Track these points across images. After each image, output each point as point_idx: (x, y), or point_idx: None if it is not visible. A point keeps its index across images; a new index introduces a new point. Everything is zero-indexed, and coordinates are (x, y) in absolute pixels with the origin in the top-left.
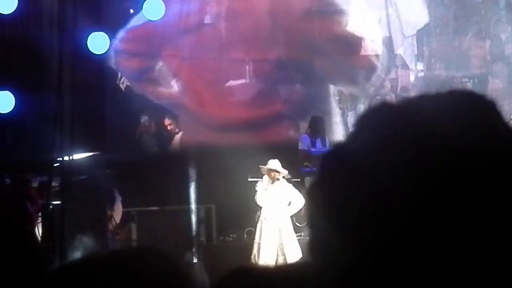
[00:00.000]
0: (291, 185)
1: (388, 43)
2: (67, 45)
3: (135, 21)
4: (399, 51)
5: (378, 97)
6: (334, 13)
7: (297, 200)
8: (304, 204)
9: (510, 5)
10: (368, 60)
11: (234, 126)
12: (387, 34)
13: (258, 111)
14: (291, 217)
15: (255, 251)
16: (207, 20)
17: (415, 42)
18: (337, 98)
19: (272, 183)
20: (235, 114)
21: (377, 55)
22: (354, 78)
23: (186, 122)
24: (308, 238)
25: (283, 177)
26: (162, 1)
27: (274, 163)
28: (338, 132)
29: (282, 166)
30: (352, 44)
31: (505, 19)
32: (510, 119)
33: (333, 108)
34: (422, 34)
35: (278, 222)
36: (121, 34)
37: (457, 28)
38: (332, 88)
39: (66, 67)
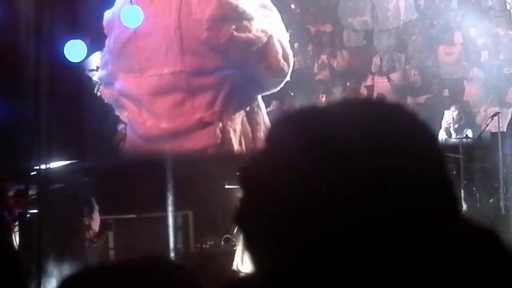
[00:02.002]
0: None
1: (365, 49)
2: (44, 53)
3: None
4: (375, 58)
5: None
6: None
7: None
8: None
9: (485, 12)
10: (277, 65)
11: (158, 137)
12: (364, 42)
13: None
14: None
15: (238, 258)
16: (125, 41)
17: (390, 48)
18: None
19: None
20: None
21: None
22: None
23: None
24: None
25: None
26: (140, 9)
27: None
28: None
29: None
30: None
31: (481, 25)
32: (487, 125)
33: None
34: (398, 41)
35: None
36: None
37: (433, 35)
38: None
39: (43, 75)
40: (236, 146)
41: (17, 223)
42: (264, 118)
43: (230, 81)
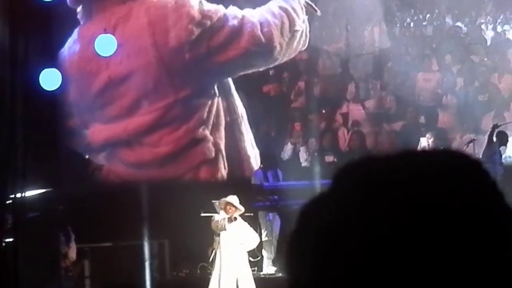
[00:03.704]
0: (246, 223)
1: (340, 76)
2: (19, 81)
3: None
4: (350, 85)
5: (329, 132)
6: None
7: (253, 239)
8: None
9: (460, 39)
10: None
11: (152, 161)
12: (339, 69)
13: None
14: (247, 252)
15: (213, 286)
16: (99, 91)
17: (366, 75)
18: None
19: (230, 222)
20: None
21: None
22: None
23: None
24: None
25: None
26: (114, 38)
27: (233, 199)
28: (290, 166)
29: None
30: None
31: (456, 52)
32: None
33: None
34: (373, 68)
35: (235, 258)
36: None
37: (409, 62)
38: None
39: (18, 104)
40: (225, 161)
41: None
42: (247, 127)
43: (220, 90)
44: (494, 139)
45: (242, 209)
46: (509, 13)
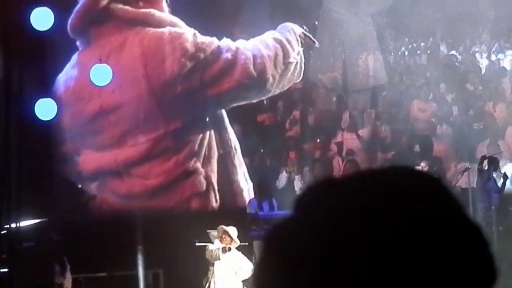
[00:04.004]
0: (240, 253)
1: (335, 105)
2: (14, 111)
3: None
4: (345, 114)
5: (324, 161)
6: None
7: (247, 268)
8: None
9: (455, 68)
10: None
11: (142, 193)
12: (334, 98)
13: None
14: (242, 281)
15: None
16: (91, 118)
17: (360, 104)
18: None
19: (224, 252)
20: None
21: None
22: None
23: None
24: None
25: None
26: (109, 68)
27: (231, 229)
28: (285, 195)
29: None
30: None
31: (451, 80)
32: (457, 181)
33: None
34: (368, 97)
35: None
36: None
37: (403, 91)
38: None
39: (13, 133)
40: (216, 194)
41: None
42: (240, 160)
43: (213, 122)
44: (486, 167)
45: (238, 242)
46: (503, 41)
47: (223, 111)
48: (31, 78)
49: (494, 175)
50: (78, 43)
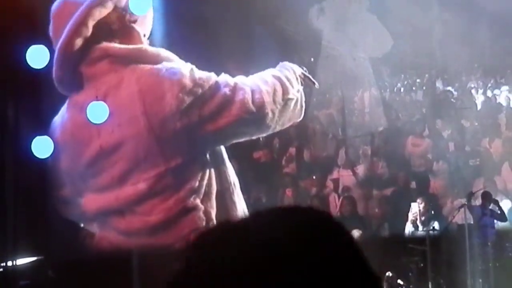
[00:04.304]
0: None
1: (331, 142)
2: (9, 148)
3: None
4: (341, 150)
5: (320, 198)
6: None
7: None
8: None
9: (451, 104)
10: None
11: (142, 230)
12: (330, 135)
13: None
14: None
15: None
16: (91, 160)
17: (357, 141)
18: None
19: None
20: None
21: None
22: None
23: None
24: None
25: None
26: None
27: None
28: None
29: None
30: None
31: (446, 117)
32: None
33: None
34: (364, 133)
35: None
36: None
37: (400, 127)
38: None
39: (9, 171)
40: None
41: None
42: (240, 196)
43: (212, 158)
44: (478, 202)
45: None
46: (499, 77)
47: (222, 148)
48: (27, 116)
49: (490, 210)
50: (68, 89)
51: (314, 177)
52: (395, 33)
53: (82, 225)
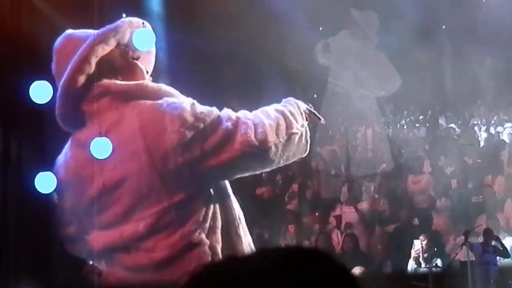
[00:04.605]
0: None
1: (334, 178)
2: (13, 183)
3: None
4: (344, 187)
5: (323, 234)
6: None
7: None
8: None
9: (454, 140)
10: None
11: (149, 266)
12: (333, 171)
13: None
14: None
15: None
16: (94, 198)
17: (359, 177)
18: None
19: None
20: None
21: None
22: None
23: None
24: None
25: None
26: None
27: None
28: None
29: None
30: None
31: (449, 154)
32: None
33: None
34: (367, 170)
35: None
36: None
37: (402, 164)
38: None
39: (12, 206)
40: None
41: None
42: (245, 230)
43: (216, 192)
44: (481, 239)
45: None
46: (502, 114)
47: (227, 181)
48: (30, 151)
49: (493, 246)
50: (71, 127)
51: (316, 214)
52: (400, 69)
53: (90, 262)
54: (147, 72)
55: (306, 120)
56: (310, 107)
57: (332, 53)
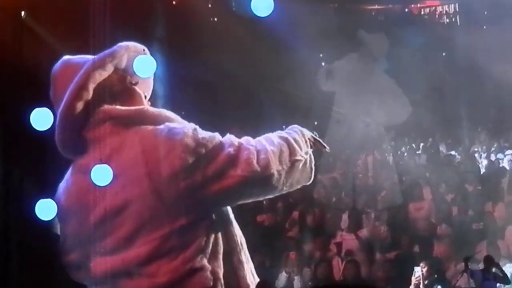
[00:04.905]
0: None
1: (334, 206)
2: (13, 211)
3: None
4: (344, 214)
5: (324, 261)
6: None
7: None
8: None
9: (454, 168)
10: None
11: None
12: (334, 199)
13: None
14: None
15: None
16: (96, 224)
17: (360, 205)
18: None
19: None
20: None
21: None
22: None
23: None
24: None
25: None
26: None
27: None
28: None
29: None
30: None
31: (450, 181)
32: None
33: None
34: (367, 197)
35: None
36: None
37: (403, 191)
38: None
39: (13, 233)
40: None
41: None
42: (247, 256)
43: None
44: (481, 266)
45: None
46: (503, 141)
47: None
48: (31, 178)
49: (493, 273)
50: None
51: (317, 241)
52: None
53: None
54: (145, 97)
55: (311, 147)
56: (315, 134)
57: (337, 78)
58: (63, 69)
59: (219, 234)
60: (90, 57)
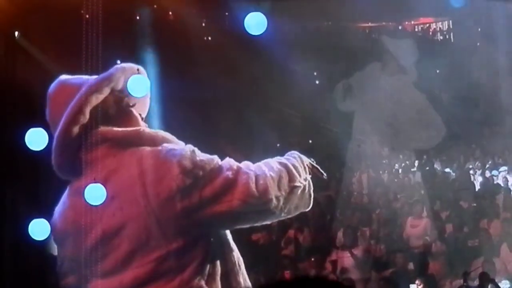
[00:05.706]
0: None
1: (329, 224)
2: (7, 231)
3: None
4: (339, 232)
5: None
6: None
7: None
8: None
9: (449, 185)
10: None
11: None
12: (328, 217)
13: None
14: None
15: None
16: (94, 246)
17: (354, 223)
18: None
19: None
20: None
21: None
22: None
23: None
24: None
25: None
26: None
27: None
28: None
29: None
30: None
31: (445, 198)
32: None
33: None
34: (362, 215)
35: None
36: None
37: (398, 208)
38: None
39: (7, 253)
40: None
41: None
42: (245, 276)
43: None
44: (476, 282)
45: None
46: (497, 158)
47: None
48: (25, 198)
49: None
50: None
51: (312, 259)
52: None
53: None
54: (142, 119)
55: (309, 174)
56: (313, 161)
57: (356, 95)
58: (59, 89)
59: (217, 255)
60: (86, 77)
